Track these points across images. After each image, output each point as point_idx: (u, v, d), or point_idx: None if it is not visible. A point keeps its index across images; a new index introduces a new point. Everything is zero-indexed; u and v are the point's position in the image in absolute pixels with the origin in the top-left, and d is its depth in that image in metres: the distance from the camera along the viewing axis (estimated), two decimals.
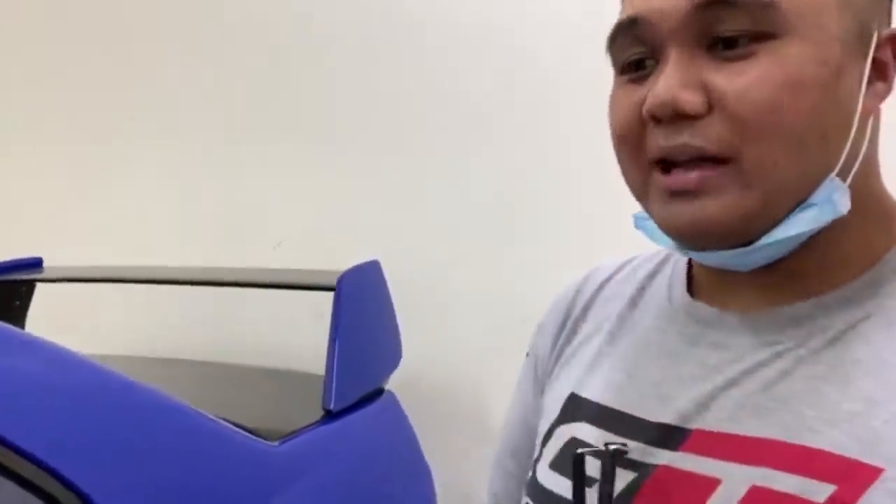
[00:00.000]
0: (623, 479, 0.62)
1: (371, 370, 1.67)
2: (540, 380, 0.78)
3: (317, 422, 1.46)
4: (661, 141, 0.58)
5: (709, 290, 0.66)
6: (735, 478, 0.57)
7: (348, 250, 1.82)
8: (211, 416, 1.21)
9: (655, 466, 0.61)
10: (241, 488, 1.20)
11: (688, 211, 0.57)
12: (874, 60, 0.58)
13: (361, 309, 1.63)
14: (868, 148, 0.59)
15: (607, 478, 0.61)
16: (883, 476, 0.52)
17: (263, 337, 2.24)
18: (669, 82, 0.56)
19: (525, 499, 0.71)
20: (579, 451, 0.63)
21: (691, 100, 0.55)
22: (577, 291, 0.79)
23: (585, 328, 0.75)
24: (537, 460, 0.72)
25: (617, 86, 0.62)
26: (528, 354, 0.82)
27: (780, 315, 0.60)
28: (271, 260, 2.26)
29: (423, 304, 2.00)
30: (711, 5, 0.55)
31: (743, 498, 0.56)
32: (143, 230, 2.46)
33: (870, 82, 0.58)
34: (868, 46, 0.58)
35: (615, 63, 0.63)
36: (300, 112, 2.29)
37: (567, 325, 0.77)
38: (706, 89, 0.56)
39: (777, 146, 0.55)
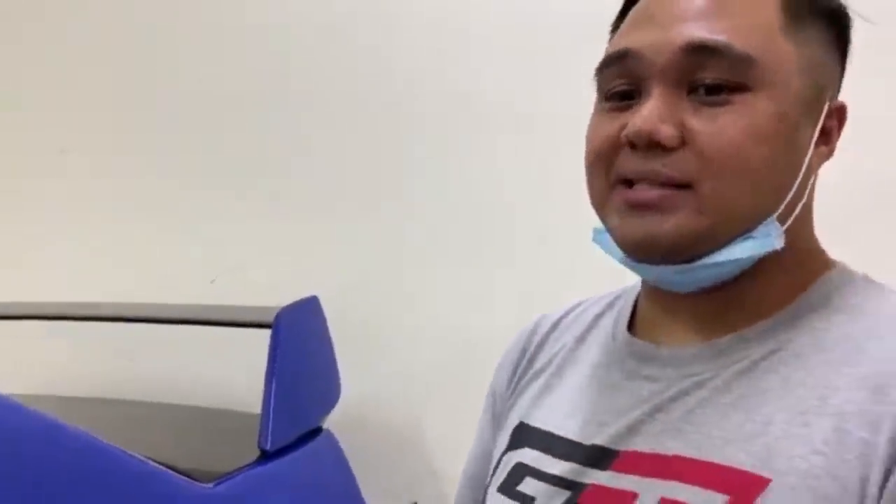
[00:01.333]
0: (559, 497, 0.69)
1: (309, 409, 1.64)
2: (498, 416, 0.85)
3: (253, 462, 1.43)
4: (633, 164, 0.64)
5: (649, 328, 0.74)
6: (649, 491, 0.64)
7: (286, 286, 1.79)
8: (143, 458, 1.18)
9: (587, 485, 0.68)
10: None
11: (643, 223, 0.64)
12: (822, 126, 0.66)
13: (299, 346, 1.61)
14: (807, 201, 0.67)
15: None
16: (770, 485, 0.59)
17: (197, 375, 2.20)
18: (652, 114, 0.62)
19: None
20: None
21: (669, 133, 0.62)
22: (532, 332, 0.86)
23: (537, 365, 0.82)
24: (488, 486, 0.78)
25: (599, 111, 0.69)
26: (488, 395, 0.89)
27: (704, 349, 0.68)
28: (207, 296, 2.22)
29: (362, 341, 1.98)
30: (699, 50, 0.62)
31: None
32: (75, 265, 2.41)
33: (816, 145, 0.66)
34: (820, 112, 0.66)
35: (600, 89, 0.69)
36: (236, 147, 2.27)
37: (522, 364, 0.84)
38: (682, 126, 0.63)
39: (733, 183, 0.62)
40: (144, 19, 2.38)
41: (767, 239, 0.64)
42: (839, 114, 0.69)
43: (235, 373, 2.02)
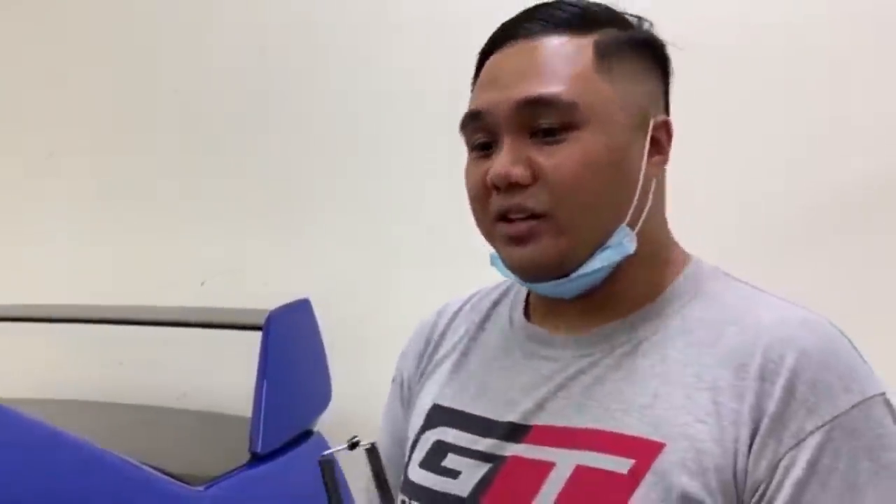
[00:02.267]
0: (481, 469, 0.78)
1: (299, 412, 1.64)
2: (406, 399, 0.94)
3: (243, 465, 1.43)
4: (501, 202, 0.77)
5: (542, 315, 0.85)
6: (564, 461, 0.74)
7: (276, 289, 1.79)
8: (134, 462, 1.18)
9: (505, 458, 0.78)
10: None
11: (521, 253, 0.77)
12: (652, 139, 0.79)
13: (290, 349, 1.61)
14: (653, 204, 0.79)
15: (375, 467, 0.77)
16: (665, 449, 0.71)
17: (188, 378, 2.19)
18: (504, 161, 0.76)
19: (401, 497, 0.85)
20: (323, 454, 0.79)
21: (520, 174, 0.75)
22: (434, 323, 0.95)
23: (442, 351, 0.92)
24: (408, 464, 0.86)
25: (469, 161, 0.82)
26: (393, 380, 0.98)
27: (594, 334, 0.80)
28: (197, 299, 2.22)
29: (353, 344, 1.98)
30: (533, 103, 0.75)
31: (570, 476, 0.73)
32: (65, 269, 2.40)
33: (650, 155, 0.79)
34: (647, 130, 0.79)
35: (467, 143, 0.82)
36: (226, 149, 2.27)
37: (427, 351, 0.93)
38: (531, 165, 0.75)
39: (580, 206, 0.75)
40: (128, 18, 2.38)
41: (621, 246, 0.77)
42: (666, 126, 0.81)
43: (226, 375, 2.02)
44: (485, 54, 0.83)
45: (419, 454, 0.85)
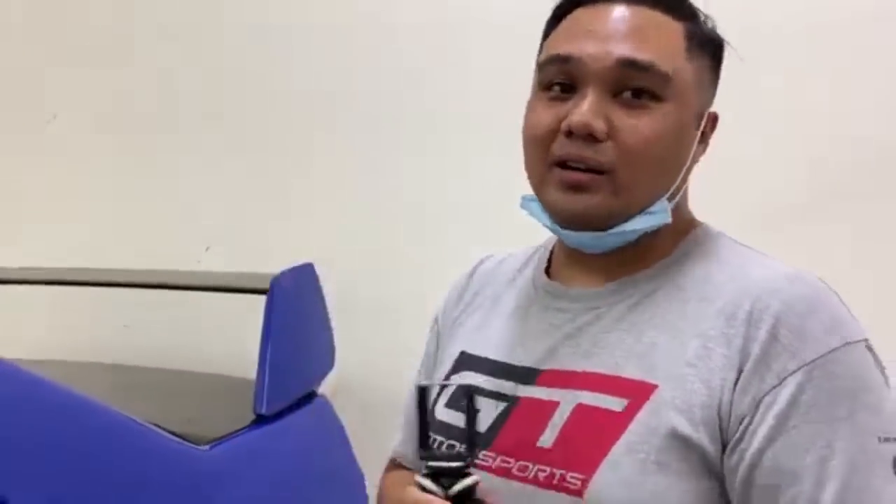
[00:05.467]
0: (498, 408, 0.87)
1: (303, 374, 1.66)
2: (438, 341, 1.04)
3: (248, 426, 1.45)
4: (570, 149, 0.81)
5: (562, 273, 0.93)
6: (567, 400, 0.83)
7: (280, 254, 1.80)
8: (141, 421, 1.19)
9: (519, 398, 0.87)
10: (171, 492, 1.18)
11: (575, 200, 0.82)
12: (702, 130, 0.87)
13: (294, 312, 1.62)
14: (686, 183, 0.88)
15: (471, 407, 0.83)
16: (657, 389, 0.79)
17: (193, 341, 2.21)
18: (589, 112, 0.80)
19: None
20: (420, 383, 0.90)
21: (601, 128, 0.80)
22: (469, 276, 1.05)
23: (474, 303, 1.01)
24: (435, 404, 0.94)
25: (538, 98, 0.86)
26: (431, 329, 1.07)
27: (604, 289, 0.88)
28: (201, 263, 2.23)
29: (358, 308, 1.99)
30: (630, 65, 0.80)
31: (572, 412, 0.82)
32: (73, 233, 2.41)
33: (699, 140, 0.87)
34: (702, 119, 0.86)
35: (541, 81, 0.85)
36: (232, 114, 2.27)
37: (462, 302, 1.03)
38: (609, 123, 0.80)
39: (642, 171, 0.82)
40: None
41: (661, 215, 0.84)
42: (712, 121, 0.89)
43: (231, 338, 2.03)
44: (567, 6, 0.88)
45: (446, 395, 0.94)
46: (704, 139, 0.88)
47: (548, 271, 0.96)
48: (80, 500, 1.03)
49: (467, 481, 0.77)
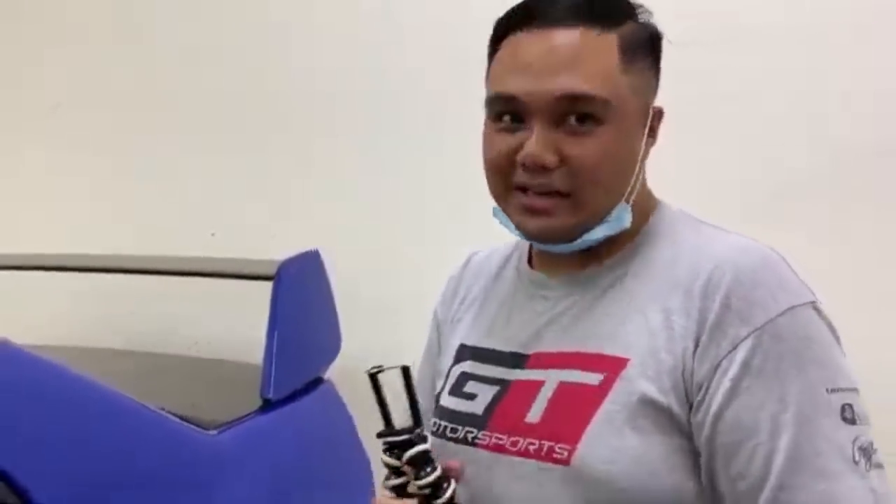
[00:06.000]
0: (492, 391, 0.94)
1: (310, 359, 1.67)
2: (440, 339, 1.10)
3: (255, 411, 1.46)
4: (527, 179, 0.88)
5: (541, 264, 1.00)
6: (551, 379, 0.90)
7: (285, 241, 1.81)
8: (149, 406, 1.20)
9: (510, 381, 0.94)
10: (180, 476, 1.19)
11: (537, 223, 0.89)
12: (650, 127, 0.91)
13: (301, 298, 1.63)
14: (641, 175, 0.93)
15: (408, 387, 0.89)
16: (629, 363, 0.86)
17: (200, 327, 2.22)
18: (539, 146, 0.86)
19: (433, 419, 0.99)
20: (370, 369, 0.92)
21: (551, 159, 0.86)
22: (463, 269, 1.12)
23: (468, 298, 1.08)
24: (440, 393, 1.02)
25: (490, 130, 0.91)
26: (431, 323, 1.13)
27: (578, 277, 0.95)
28: (205, 250, 2.23)
29: (364, 295, 2.00)
30: (568, 99, 0.85)
31: (554, 390, 0.89)
32: (76, 220, 2.42)
33: (647, 138, 0.91)
34: (647, 118, 0.91)
35: (490, 113, 0.91)
36: (238, 103, 2.28)
37: (458, 297, 1.09)
38: (559, 151, 0.86)
39: (597, 190, 0.88)
40: None
41: (620, 221, 0.90)
42: (659, 114, 0.93)
43: (237, 325, 2.04)
44: (504, 29, 0.91)
45: (448, 384, 1.01)
46: (653, 133, 0.93)
47: (530, 261, 1.03)
48: (89, 481, 1.04)
49: (417, 447, 0.86)
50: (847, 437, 0.80)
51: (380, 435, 0.89)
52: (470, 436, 0.93)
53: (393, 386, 0.98)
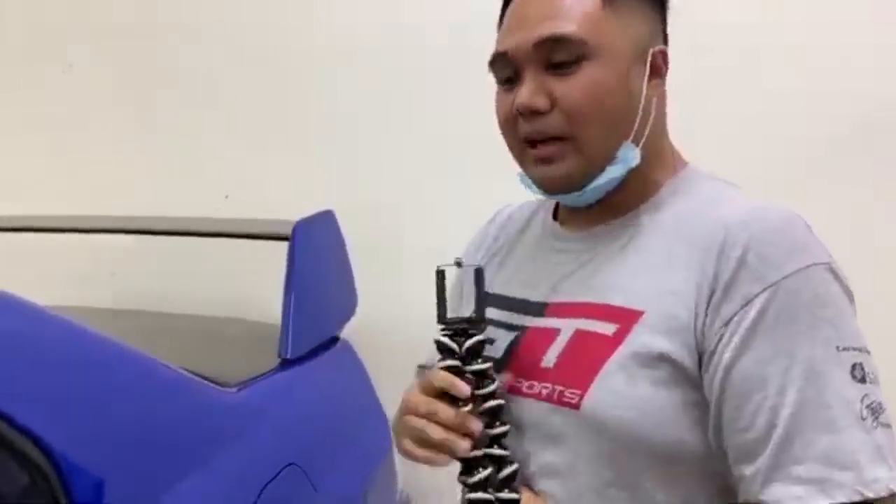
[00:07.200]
0: (510, 336, 0.99)
1: (326, 319, 1.67)
2: (463, 286, 1.14)
3: (273, 369, 1.47)
4: (525, 128, 0.92)
5: (565, 219, 1.05)
6: (567, 327, 0.94)
7: (300, 202, 1.81)
8: (169, 364, 1.21)
9: (527, 327, 0.99)
10: (199, 433, 1.20)
11: (548, 171, 0.93)
12: (651, 66, 0.93)
13: (316, 258, 1.63)
14: (655, 118, 0.94)
15: (478, 282, 0.95)
16: (643, 315, 0.89)
17: (217, 287, 2.24)
18: (526, 91, 0.91)
19: None
20: (439, 266, 0.98)
21: (540, 102, 0.90)
22: (489, 224, 1.18)
23: (495, 247, 1.13)
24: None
25: (498, 93, 0.97)
26: (457, 265, 1.15)
27: (597, 232, 0.98)
28: (220, 211, 2.24)
29: (379, 255, 2.01)
30: (546, 41, 0.90)
31: (570, 337, 0.93)
32: (93, 181, 2.43)
33: (649, 79, 0.93)
34: (646, 59, 0.93)
35: (496, 78, 0.97)
36: (248, 61, 2.27)
37: (483, 247, 1.14)
38: (549, 94, 0.90)
39: (592, 126, 0.90)
40: None
41: (626, 160, 0.92)
42: (662, 54, 0.95)
43: (254, 285, 2.05)
44: (507, 1, 0.97)
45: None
46: (658, 74, 0.95)
47: (555, 216, 1.07)
48: (110, 439, 1.05)
49: (477, 337, 0.91)
50: (856, 395, 0.81)
51: (443, 321, 0.94)
52: None
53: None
